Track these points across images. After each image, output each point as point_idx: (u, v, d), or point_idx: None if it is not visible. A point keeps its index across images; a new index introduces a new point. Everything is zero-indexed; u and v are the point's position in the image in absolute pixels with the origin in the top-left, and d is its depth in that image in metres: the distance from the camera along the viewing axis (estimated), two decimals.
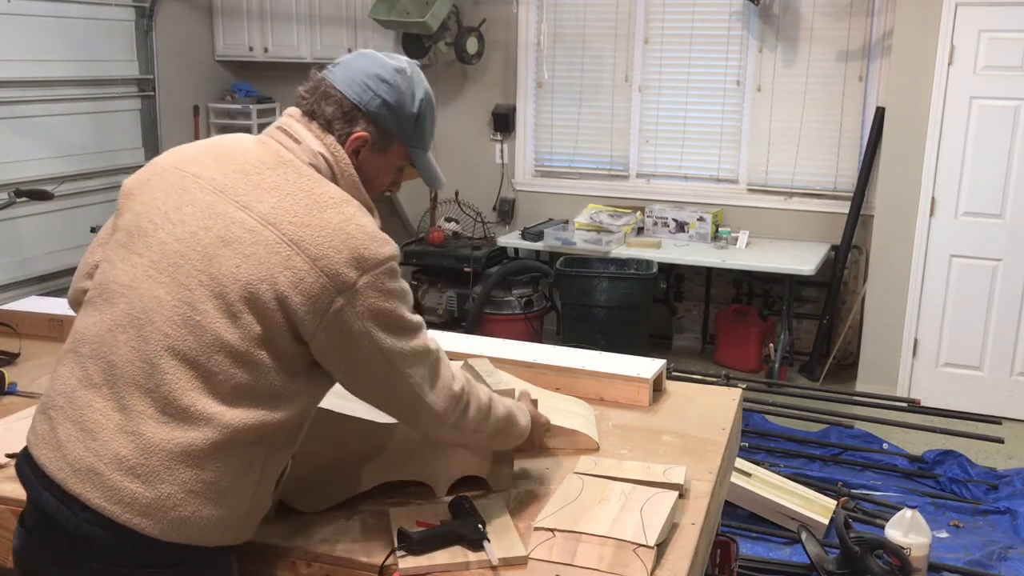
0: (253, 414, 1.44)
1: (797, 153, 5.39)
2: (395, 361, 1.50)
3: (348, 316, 1.45)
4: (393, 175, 1.67)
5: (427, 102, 1.62)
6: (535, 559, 1.57)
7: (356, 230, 1.47)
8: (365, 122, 1.55)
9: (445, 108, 6.15)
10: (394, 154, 1.62)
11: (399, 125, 1.58)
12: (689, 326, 5.86)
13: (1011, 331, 4.68)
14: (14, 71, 5.04)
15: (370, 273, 1.46)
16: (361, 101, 1.54)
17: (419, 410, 1.56)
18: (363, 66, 1.57)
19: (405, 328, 1.51)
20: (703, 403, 2.33)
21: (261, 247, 1.43)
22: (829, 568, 3.00)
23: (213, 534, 1.45)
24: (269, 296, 1.42)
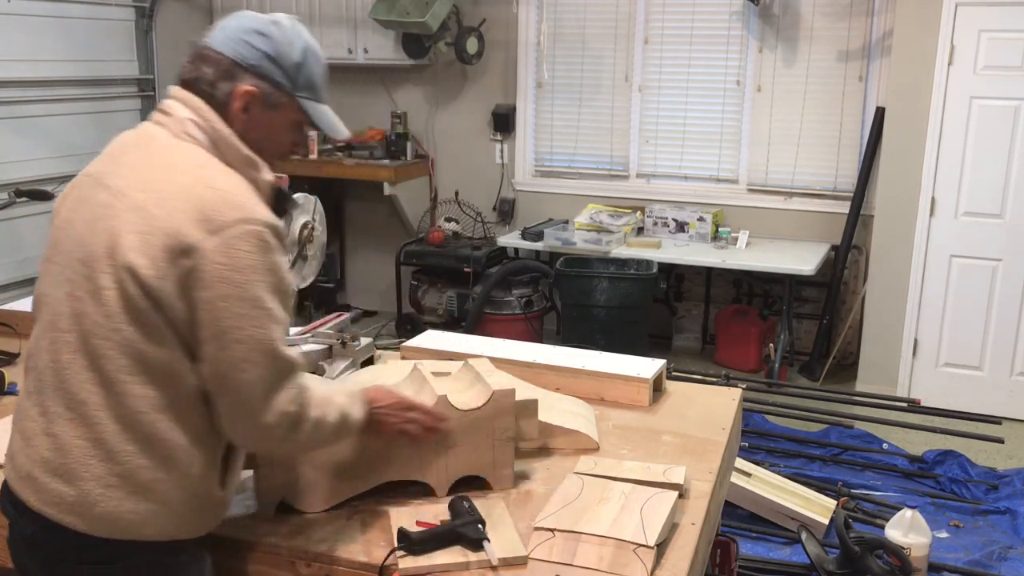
0: (145, 399, 1.43)
1: (797, 153, 5.39)
2: (230, 345, 1.41)
3: (192, 281, 1.40)
4: (293, 134, 1.61)
5: (310, 50, 1.58)
6: (535, 559, 1.57)
7: (207, 191, 1.42)
8: (248, 76, 1.52)
9: (445, 108, 6.15)
10: (287, 108, 1.57)
11: (284, 74, 1.54)
12: (689, 326, 5.86)
13: (1011, 331, 4.68)
14: (14, 71, 5.04)
15: (218, 235, 1.39)
16: (240, 56, 1.52)
17: (244, 415, 1.45)
18: (238, 23, 1.55)
19: (253, 309, 1.41)
20: (703, 403, 2.33)
21: (113, 219, 1.44)
22: (829, 568, 3.00)
23: (147, 528, 1.45)
24: (121, 265, 1.41)
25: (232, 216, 1.41)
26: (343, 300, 6.63)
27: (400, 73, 6.16)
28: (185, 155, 1.48)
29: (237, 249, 1.40)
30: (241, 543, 1.64)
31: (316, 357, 2.32)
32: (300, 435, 1.50)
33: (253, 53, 1.52)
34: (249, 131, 1.54)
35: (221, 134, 1.51)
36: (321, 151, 6.01)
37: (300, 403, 1.49)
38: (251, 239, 1.41)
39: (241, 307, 1.40)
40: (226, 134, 1.51)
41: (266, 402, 1.44)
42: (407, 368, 2.03)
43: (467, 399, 1.80)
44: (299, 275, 2.37)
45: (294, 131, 1.61)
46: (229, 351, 1.41)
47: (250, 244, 1.41)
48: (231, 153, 1.51)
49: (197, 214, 1.40)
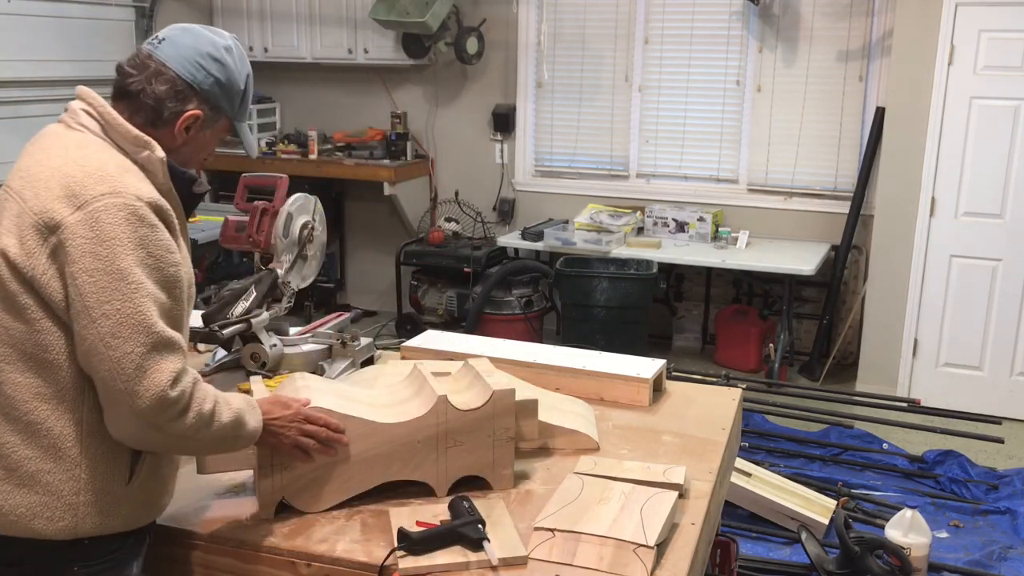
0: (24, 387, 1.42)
1: (797, 153, 5.39)
2: (97, 320, 1.36)
3: (62, 257, 1.38)
4: (214, 146, 1.68)
5: (251, 77, 1.67)
6: (535, 559, 1.57)
7: (75, 168, 1.42)
8: (197, 100, 1.56)
9: (445, 108, 6.15)
10: (220, 128, 1.64)
11: (229, 101, 1.61)
12: (689, 326, 5.86)
13: (1011, 331, 4.68)
14: (14, 71, 5.04)
15: (83, 209, 1.38)
16: (195, 80, 1.55)
17: (117, 396, 1.38)
18: (192, 43, 1.57)
19: (119, 282, 1.37)
20: (703, 403, 2.33)
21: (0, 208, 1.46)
22: (829, 568, 3.00)
23: (39, 523, 1.42)
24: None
25: (97, 190, 1.39)
26: (343, 300, 6.63)
27: (400, 73, 6.16)
28: (67, 141, 1.49)
29: (101, 222, 1.37)
30: (241, 543, 1.64)
31: (316, 357, 2.32)
32: (183, 426, 1.42)
33: (207, 79, 1.56)
34: (183, 146, 1.58)
35: (109, 118, 1.51)
36: (321, 151, 6.01)
37: (183, 389, 1.41)
38: (116, 211, 1.38)
39: (106, 280, 1.36)
40: (112, 115, 1.51)
41: (139, 381, 1.37)
42: (407, 368, 2.03)
43: (467, 399, 1.80)
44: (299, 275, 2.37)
45: (215, 145, 1.68)
46: (96, 326, 1.36)
47: (114, 216, 1.38)
48: (120, 135, 1.50)
49: (63, 191, 1.40)
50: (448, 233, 5.88)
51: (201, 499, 1.75)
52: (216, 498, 1.73)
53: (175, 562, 1.67)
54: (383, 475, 1.77)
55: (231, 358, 2.31)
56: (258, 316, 2.22)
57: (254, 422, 1.58)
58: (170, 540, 1.66)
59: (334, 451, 1.69)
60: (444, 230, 5.88)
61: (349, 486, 1.75)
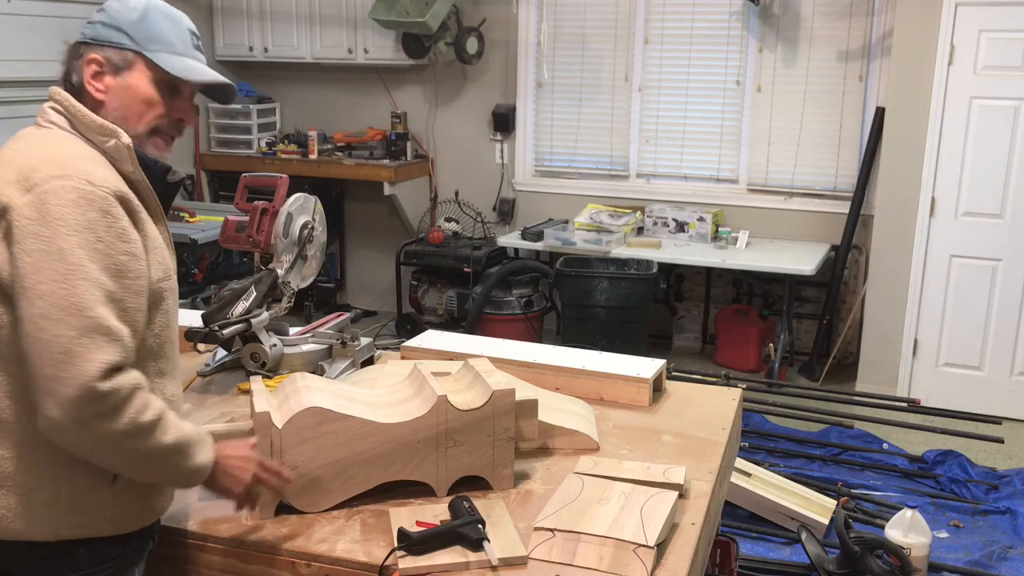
0: None
1: (797, 153, 5.39)
2: (33, 301, 1.31)
3: (7, 241, 1.35)
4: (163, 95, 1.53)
5: (153, 9, 1.55)
6: (535, 559, 1.57)
7: (33, 158, 1.40)
8: (90, 49, 1.53)
9: (445, 108, 6.15)
10: (139, 66, 1.52)
11: (123, 34, 1.52)
12: (689, 326, 5.86)
13: (1011, 331, 4.68)
14: (14, 71, 5.04)
15: (31, 192, 1.35)
16: (81, 35, 1.56)
17: (43, 383, 1.31)
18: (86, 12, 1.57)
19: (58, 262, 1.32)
20: (703, 403, 2.33)
21: None
22: (829, 568, 3.00)
23: (18, 524, 1.39)
24: None
25: (47, 172, 1.37)
26: (343, 300, 6.63)
27: (400, 73, 6.16)
28: (35, 138, 1.48)
29: (47, 203, 1.34)
30: (241, 543, 1.64)
31: (316, 357, 2.33)
32: (111, 429, 1.33)
33: (91, 28, 1.55)
34: (110, 100, 1.51)
35: (74, 110, 1.50)
36: (321, 151, 6.01)
37: (116, 386, 1.32)
38: (64, 193, 1.35)
39: (45, 260, 1.32)
40: (76, 107, 1.50)
41: (64, 367, 1.29)
42: (407, 368, 2.03)
43: (467, 399, 1.80)
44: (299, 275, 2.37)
45: (161, 90, 1.53)
46: (31, 307, 1.31)
47: (61, 198, 1.34)
48: (86, 127, 1.49)
49: (16, 175, 1.38)
50: (448, 233, 5.88)
51: (201, 499, 1.75)
52: (216, 498, 1.73)
53: (175, 562, 1.67)
54: (383, 475, 1.77)
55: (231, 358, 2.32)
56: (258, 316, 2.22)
57: (203, 458, 1.48)
58: (170, 540, 1.66)
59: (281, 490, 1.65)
60: (444, 230, 5.88)
61: (349, 486, 1.74)
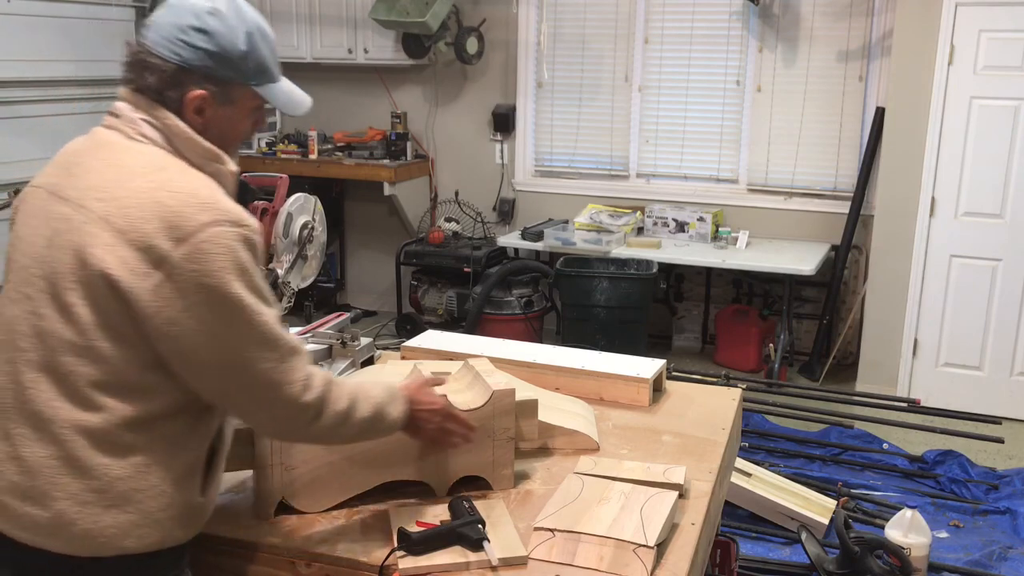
0: (118, 412, 1.39)
1: (797, 153, 5.39)
2: (227, 353, 1.39)
3: (166, 293, 1.35)
4: (252, 117, 1.55)
5: (256, 33, 1.48)
6: (535, 559, 1.57)
7: (168, 196, 1.36)
8: (196, 80, 1.43)
9: (445, 108, 6.15)
10: (242, 98, 1.50)
11: (233, 69, 1.45)
12: (689, 326, 5.86)
13: (1011, 331, 4.67)
14: (14, 71, 5.04)
15: (187, 243, 1.35)
16: (182, 59, 1.42)
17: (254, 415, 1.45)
18: (172, 19, 1.43)
19: (235, 308, 1.38)
20: (703, 403, 2.33)
21: (75, 233, 1.38)
22: (829, 568, 3.00)
23: (129, 540, 1.41)
24: (89, 278, 1.36)
25: (197, 220, 1.36)
26: (343, 300, 6.63)
27: (400, 73, 6.16)
28: (141, 157, 1.42)
29: (207, 254, 1.35)
30: (241, 543, 1.64)
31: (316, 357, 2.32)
32: (321, 427, 1.48)
33: (195, 54, 1.42)
34: (208, 130, 1.47)
35: (176, 130, 1.44)
36: (321, 151, 6.01)
37: (317, 394, 1.46)
38: (220, 241, 1.36)
39: (221, 311, 1.37)
40: (182, 129, 1.44)
41: (278, 393, 1.42)
42: (407, 368, 2.03)
43: (467, 399, 1.80)
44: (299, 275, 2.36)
45: (253, 115, 1.55)
46: (222, 354, 1.39)
47: (219, 246, 1.36)
48: (189, 148, 1.45)
49: (162, 223, 1.35)
50: (448, 233, 5.88)
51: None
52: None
53: None
54: (383, 475, 1.77)
55: None
56: None
57: (396, 412, 1.61)
58: None
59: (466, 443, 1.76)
60: (444, 230, 5.88)
61: (349, 486, 1.74)
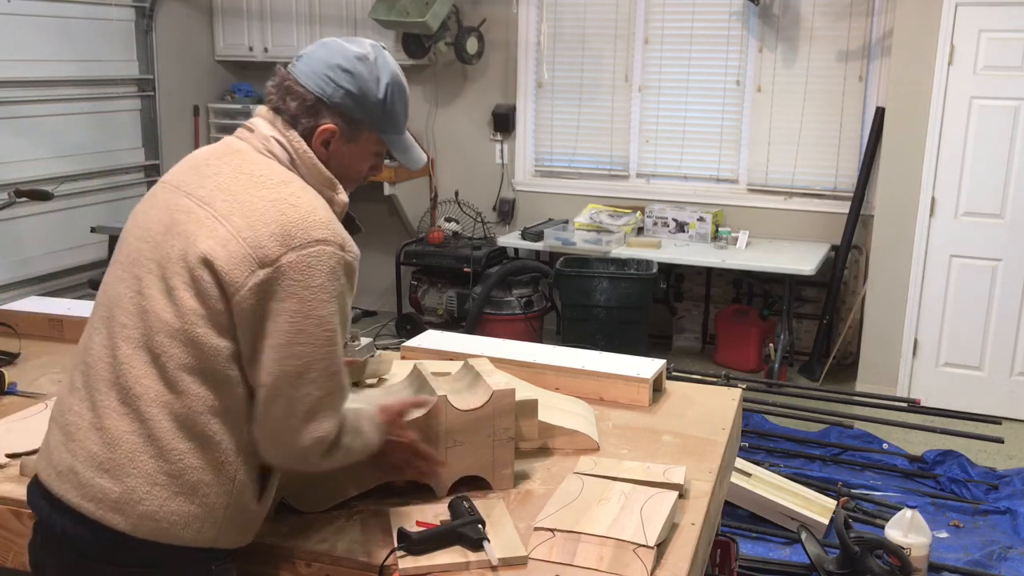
0: (201, 399, 1.44)
1: (797, 153, 5.39)
2: (287, 360, 1.43)
3: (263, 292, 1.42)
4: (371, 160, 1.64)
5: (394, 85, 1.59)
6: (535, 559, 1.57)
7: (290, 208, 1.45)
8: (331, 114, 1.54)
9: (445, 108, 6.15)
10: (366, 140, 1.60)
11: (366, 113, 1.57)
12: (689, 326, 5.86)
13: (1011, 331, 4.68)
14: (14, 71, 5.04)
15: (296, 251, 1.42)
16: (324, 94, 1.54)
17: (282, 430, 1.47)
18: (324, 56, 1.55)
19: (316, 327, 1.44)
20: (703, 403, 2.33)
21: (194, 224, 1.46)
22: (829, 568, 3.00)
23: (188, 532, 1.45)
24: (196, 265, 1.43)
25: (313, 235, 1.43)
26: None
27: None
28: (268, 169, 1.51)
29: (313, 268, 1.42)
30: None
31: None
32: (328, 461, 1.52)
33: (337, 91, 1.53)
34: (329, 162, 1.57)
35: (303, 155, 1.53)
36: None
37: (337, 432, 1.50)
38: (328, 260, 1.44)
39: (305, 324, 1.42)
40: (308, 155, 1.54)
41: (307, 423, 1.46)
42: (407, 368, 2.03)
43: (467, 399, 1.80)
44: None
45: (372, 158, 1.64)
46: (284, 364, 1.43)
47: (325, 265, 1.43)
48: (311, 173, 1.54)
49: (279, 228, 1.42)
50: (448, 233, 5.88)
51: None
52: None
53: None
54: (383, 475, 1.77)
55: None
56: None
57: (375, 439, 1.64)
58: None
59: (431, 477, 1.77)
60: (444, 230, 5.88)
61: (349, 486, 1.75)
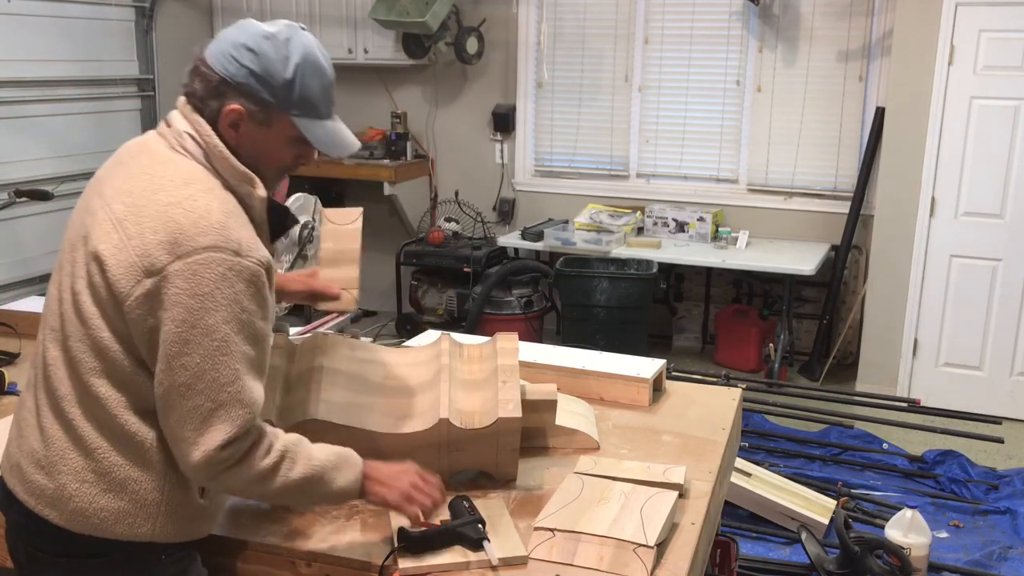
0: (115, 401, 1.44)
1: (797, 153, 5.39)
2: (175, 371, 1.38)
3: (152, 302, 1.38)
4: (292, 148, 1.54)
5: (306, 66, 1.49)
6: (535, 559, 1.57)
7: (181, 213, 1.40)
8: (235, 95, 1.47)
9: (445, 108, 6.15)
10: (280, 124, 1.50)
11: (273, 94, 1.47)
12: (689, 326, 5.86)
13: (1011, 331, 4.67)
14: (14, 71, 5.04)
15: (182, 260, 1.37)
16: (228, 73, 1.47)
17: (177, 444, 1.42)
18: (232, 36, 1.50)
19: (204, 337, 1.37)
20: (703, 403, 2.33)
21: (96, 227, 1.45)
22: (829, 568, 3.00)
23: (120, 527, 1.46)
24: (94, 271, 1.43)
25: (201, 242, 1.38)
26: None
27: (400, 73, 6.16)
28: (174, 170, 1.46)
29: (199, 276, 1.37)
30: (241, 543, 1.64)
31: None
32: (236, 480, 1.43)
33: (240, 70, 1.46)
34: (241, 147, 1.50)
35: (215, 149, 1.48)
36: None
37: (236, 450, 1.41)
38: (215, 267, 1.37)
39: (192, 334, 1.37)
40: (220, 149, 1.48)
41: (197, 437, 1.39)
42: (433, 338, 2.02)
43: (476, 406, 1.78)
44: None
45: (293, 146, 1.54)
46: (173, 375, 1.39)
47: (214, 272, 1.37)
48: (224, 167, 1.48)
49: (167, 236, 1.38)
50: (448, 233, 5.88)
51: None
52: None
53: None
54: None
55: None
56: None
57: (343, 481, 1.53)
58: None
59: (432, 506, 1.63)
60: (444, 230, 5.88)
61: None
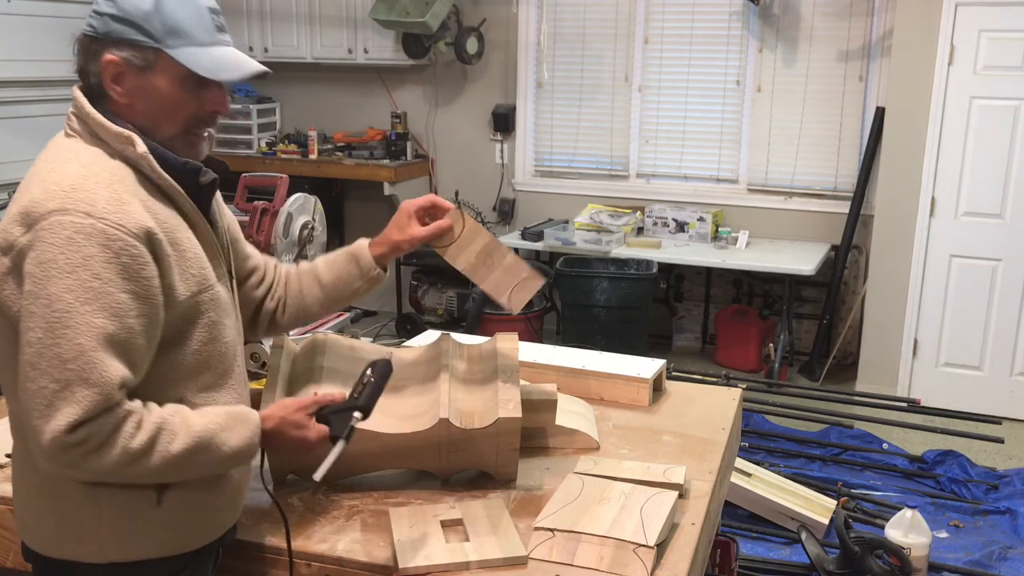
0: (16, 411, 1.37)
1: (797, 153, 5.39)
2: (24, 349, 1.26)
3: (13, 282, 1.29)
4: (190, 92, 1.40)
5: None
6: (535, 559, 1.57)
7: (39, 188, 1.31)
8: (106, 47, 1.37)
9: (445, 108, 6.15)
10: (162, 64, 1.37)
11: (138, 31, 1.35)
12: (689, 326, 5.86)
13: (1011, 331, 4.67)
14: (14, 71, 5.04)
15: (32, 230, 1.27)
16: (92, 29, 1.38)
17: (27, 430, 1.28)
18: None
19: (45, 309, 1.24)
20: (703, 403, 2.33)
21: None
22: (829, 568, 3.00)
23: (71, 546, 1.39)
24: None
25: (46, 207, 1.27)
26: None
27: (400, 73, 6.16)
28: (55, 152, 1.39)
29: (44, 242, 1.25)
30: (241, 543, 1.64)
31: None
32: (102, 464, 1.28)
33: (100, 21, 1.37)
34: (135, 104, 1.39)
35: (89, 117, 1.37)
36: (321, 151, 6.01)
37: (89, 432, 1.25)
38: (59, 230, 1.25)
39: (35, 306, 1.25)
40: (92, 115, 1.37)
41: (44, 420, 1.24)
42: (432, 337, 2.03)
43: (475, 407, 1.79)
44: None
45: (189, 89, 1.40)
46: (22, 354, 1.27)
47: (56, 236, 1.25)
48: (104, 133, 1.37)
49: (21, 209, 1.30)
50: None
51: None
52: None
53: None
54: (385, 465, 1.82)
55: None
56: None
57: (236, 441, 1.40)
58: None
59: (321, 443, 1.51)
60: None
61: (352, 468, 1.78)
